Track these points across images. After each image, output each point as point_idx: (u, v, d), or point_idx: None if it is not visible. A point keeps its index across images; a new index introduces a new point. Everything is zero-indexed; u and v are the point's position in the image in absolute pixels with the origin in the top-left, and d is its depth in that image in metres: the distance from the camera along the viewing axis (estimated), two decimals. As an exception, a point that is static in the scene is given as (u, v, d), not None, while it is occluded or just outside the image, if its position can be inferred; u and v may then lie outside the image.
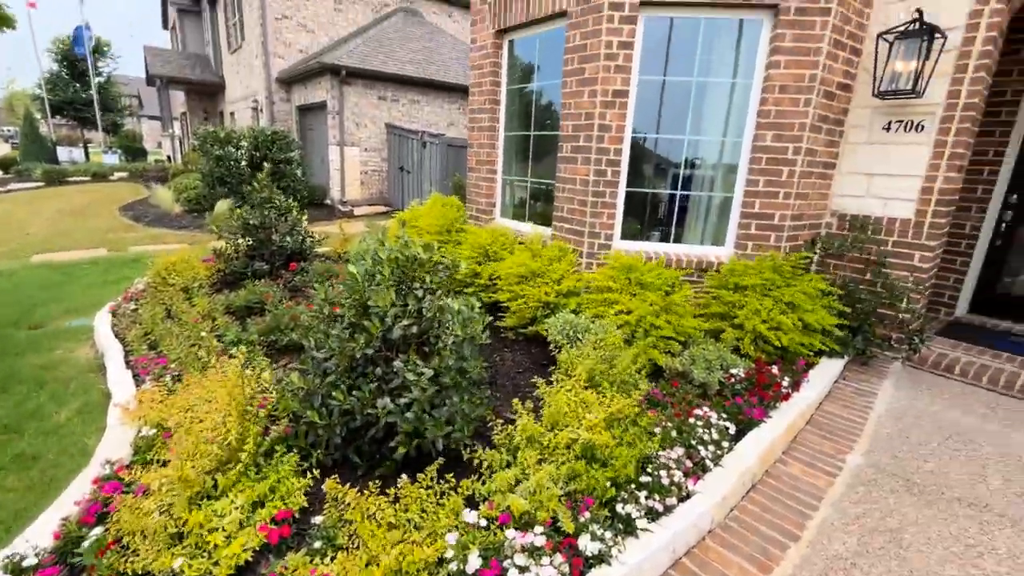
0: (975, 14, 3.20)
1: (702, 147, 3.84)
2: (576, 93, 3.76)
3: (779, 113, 3.48)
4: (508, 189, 4.95)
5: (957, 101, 3.33)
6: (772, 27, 3.42)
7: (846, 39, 3.49)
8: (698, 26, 3.55)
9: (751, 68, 3.54)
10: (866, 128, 3.75)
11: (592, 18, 3.55)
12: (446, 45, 14.03)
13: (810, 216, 3.89)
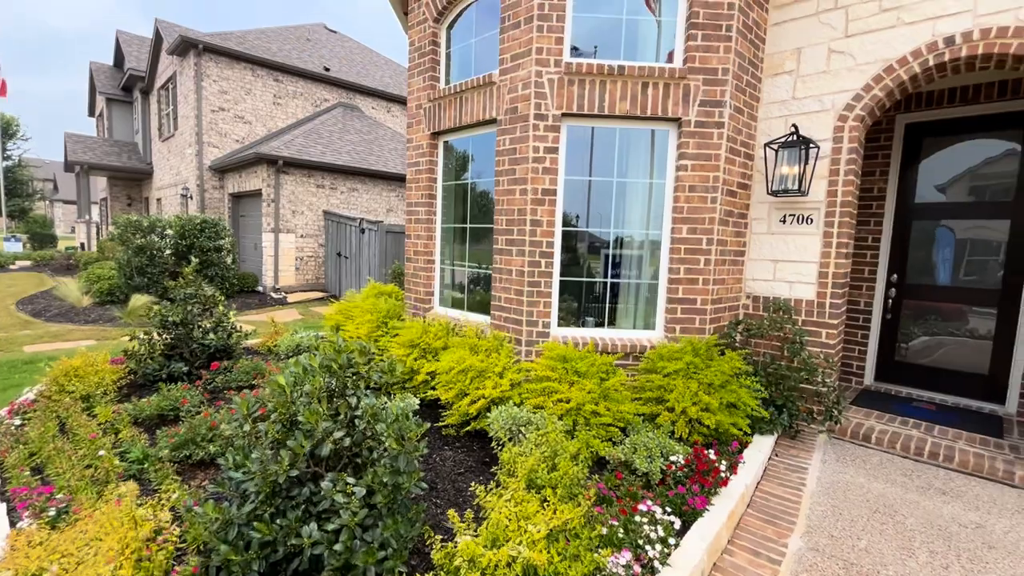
0: (838, 129, 3.80)
1: (628, 238, 4.13)
2: (508, 191, 3.99)
3: (691, 209, 3.85)
4: (446, 279, 5.01)
5: (835, 198, 3.85)
6: (678, 136, 3.87)
7: (739, 147, 4.00)
8: (615, 134, 3.95)
9: (664, 170, 3.94)
10: (766, 220, 4.21)
11: (519, 126, 3.87)
12: (385, 137, 14.64)
13: (728, 299, 4.20)
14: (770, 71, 4.12)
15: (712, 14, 3.67)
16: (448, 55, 4.77)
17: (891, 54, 3.54)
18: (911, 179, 4.70)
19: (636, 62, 3.78)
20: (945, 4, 3.32)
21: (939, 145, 4.59)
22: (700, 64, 3.73)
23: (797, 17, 3.96)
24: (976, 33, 3.21)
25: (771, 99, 4.12)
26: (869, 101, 3.66)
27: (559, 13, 3.71)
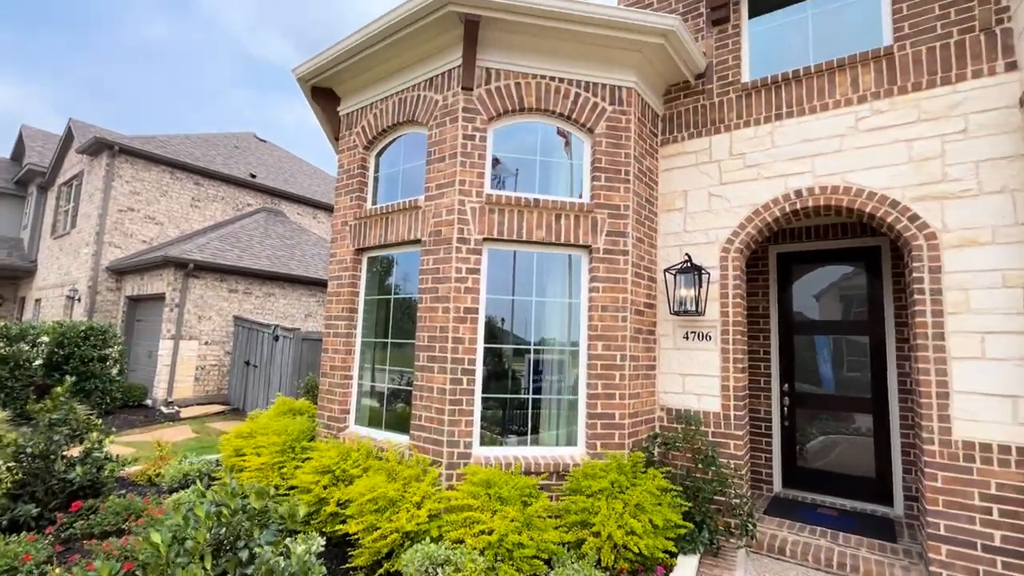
0: (723, 259, 4.36)
1: (549, 355, 4.26)
2: (431, 308, 4.06)
3: (605, 327, 4.11)
4: (365, 395, 4.80)
5: (727, 318, 4.30)
6: (589, 261, 4.23)
7: (643, 271, 4.44)
8: (534, 257, 4.24)
9: (579, 291, 4.23)
10: (672, 337, 4.56)
11: (443, 248, 4.05)
12: (309, 242, 14.55)
13: (645, 412, 4.36)
14: (664, 207, 4.74)
15: (612, 161, 4.26)
16: (376, 178, 5.03)
17: (756, 200, 4.24)
18: (787, 298, 5.39)
19: (550, 196, 4.21)
20: (792, 166, 4.11)
21: (804, 271, 5.38)
22: (605, 201, 4.22)
23: (681, 166, 4.69)
24: (816, 189, 3.97)
25: (667, 231, 4.69)
26: (744, 236, 4.28)
27: (480, 152, 4.11)
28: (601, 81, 4.31)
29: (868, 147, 3.79)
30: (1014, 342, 3.21)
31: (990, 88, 3.42)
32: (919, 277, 3.54)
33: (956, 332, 3.38)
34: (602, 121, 4.28)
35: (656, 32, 4.05)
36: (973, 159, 3.42)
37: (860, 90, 3.87)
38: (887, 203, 3.68)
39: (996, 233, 3.31)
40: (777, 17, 4.47)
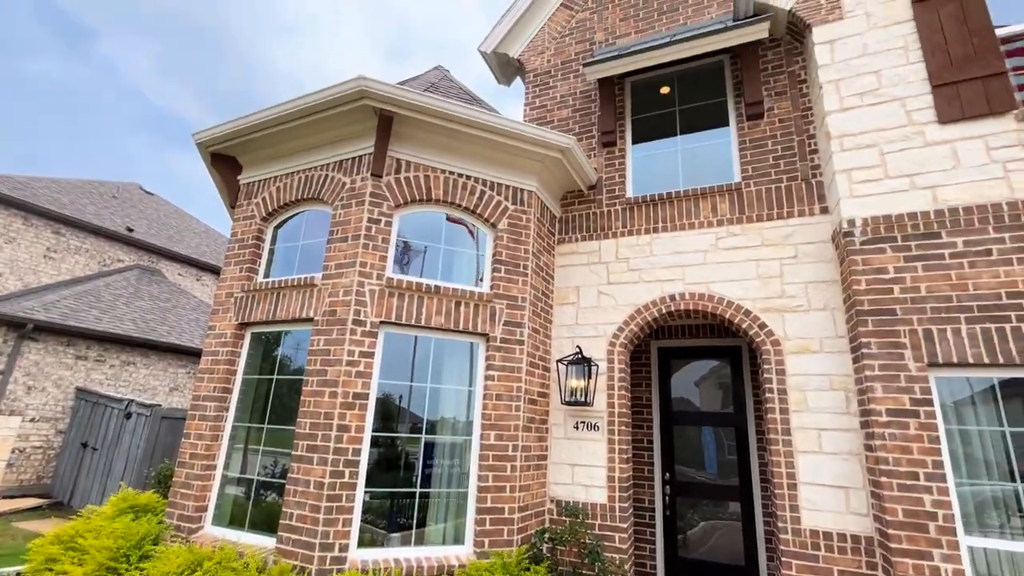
0: (610, 352, 4.68)
1: (442, 444, 4.13)
2: (317, 392, 3.82)
3: (498, 416, 4.12)
4: (230, 487, 4.24)
5: (614, 408, 4.53)
6: (486, 349, 4.31)
7: (538, 360, 4.60)
8: (431, 342, 4.23)
9: (475, 379, 4.25)
10: (563, 426, 4.68)
11: (337, 329, 3.92)
12: (187, 306, 13.20)
13: (535, 505, 4.31)
14: (559, 300, 5.05)
15: (512, 255, 4.52)
16: (272, 251, 4.83)
17: (638, 300, 4.69)
18: (667, 390, 5.83)
19: (452, 283, 4.32)
20: (667, 273, 4.65)
21: (681, 365, 5.90)
22: (504, 291, 4.41)
23: (575, 264, 5.10)
24: (687, 295, 4.50)
25: (561, 322, 4.97)
26: (628, 332, 4.66)
27: (385, 236, 4.17)
28: (505, 182, 4.68)
29: (726, 263, 4.44)
30: (843, 438, 3.73)
31: (811, 225, 4.24)
32: (769, 377, 4.06)
33: (799, 428, 3.87)
34: (504, 218, 4.58)
35: (555, 148, 4.55)
36: (803, 280, 4.14)
37: (719, 215, 4.59)
38: (742, 311, 4.26)
39: (823, 343, 3.95)
40: (655, 147, 5.26)
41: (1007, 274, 3.29)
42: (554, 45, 6.05)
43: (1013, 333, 3.19)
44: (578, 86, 5.70)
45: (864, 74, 4.02)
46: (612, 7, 5.86)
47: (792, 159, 4.48)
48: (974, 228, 3.43)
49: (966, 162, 3.56)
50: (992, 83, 3.60)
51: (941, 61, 3.77)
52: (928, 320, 3.41)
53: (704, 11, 5.36)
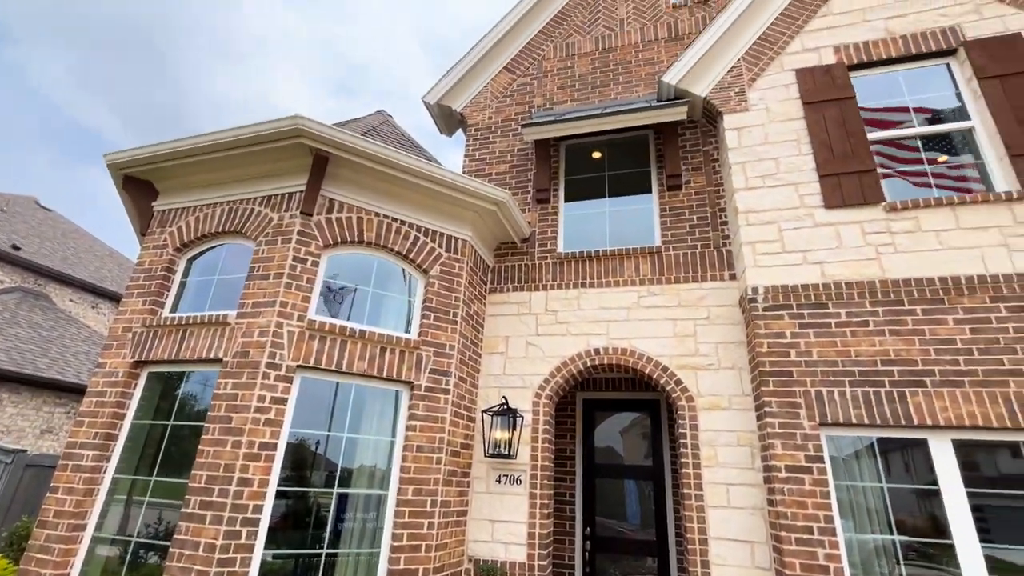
0: (535, 403, 4.70)
1: (354, 500, 3.88)
2: (219, 442, 3.50)
3: (418, 469, 3.96)
4: (99, 552, 3.70)
5: (536, 462, 4.50)
6: (410, 398, 4.18)
7: (463, 411, 4.52)
8: (351, 389, 4.05)
9: (395, 429, 4.09)
10: (485, 480, 4.57)
11: (248, 372, 3.66)
12: (77, 337, 11.81)
13: (452, 566, 4.11)
14: (488, 349, 5.05)
15: (443, 302, 4.51)
16: (183, 284, 4.50)
17: (565, 353, 4.80)
18: (591, 442, 5.91)
19: (378, 328, 4.21)
20: (593, 328, 4.82)
21: (605, 416, 6.03)
22: (432, 339, 4.36)
23: (505, 314, 5.16)
24: (610, 349, 4.67)
25: (489, 372, 4.95)
26: (554, 384, 4.72)
27: (310, 276, 4.03)
28: (440, 230, 4.72)
29: (647, 320, 4.68)
30: (749, 493, 3.93)
31: (722, 290, 4.61)
32: (683, 432, 4.23)
33: (710, 483, 4.03)
34: (437, 265, 4.59)
35: (491, 201, 4.68)
36: (714, 340, 4.44)
37: (641, 275, 4.87)
38: (660, 367, 4.47)
39: (731, 400, 4.21)
40: (585, 206, 5.56)
41: (881, 344, 3.72)
42: (495, 104, 6.35)
43: (887, 396, 3.58)
44: (516, 144, 5.98)
45: (765, 159, 4.54)
46: (551, 76, 6.29)
47: (706, 228, 4.90)
48: (854, 301, 3.88)
49: (847, 243, 4.07)
50: (865, 177, 4.20)
51: (826, 155, 4.36)
52: (819, 382, 3.75)
53: (633, 89, 5.89)
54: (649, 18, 6.23)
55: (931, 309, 3.72)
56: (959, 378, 3.51)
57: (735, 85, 4.92)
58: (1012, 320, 3.55)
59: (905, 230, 3.98)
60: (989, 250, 3.76)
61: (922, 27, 4.60)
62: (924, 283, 3.78)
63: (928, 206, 3.98)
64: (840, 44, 4.75)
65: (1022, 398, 3.36)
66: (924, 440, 3.51)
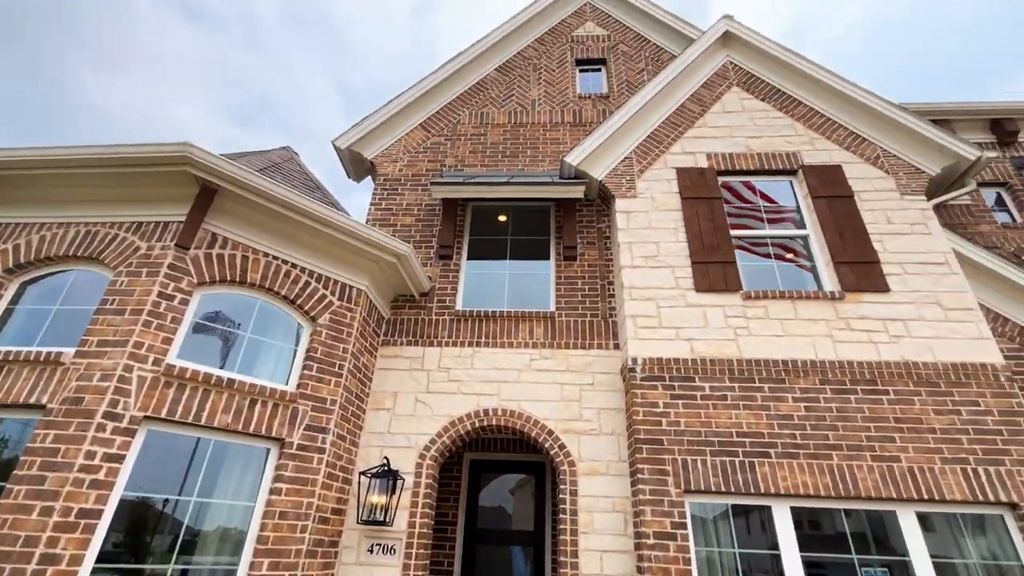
0: (419, 464, 4.51)
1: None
2: (22, 508, 2.88)
3: (278, 539, 3.55)
4: None
5: (415, 529, 4.26)
6: (279, 457, 3.81)
7: (339, 471, 4.20)
8: (209, 446, 3.60)
9: (256, 492, 3.67)
10: (355, 549, 4.21)
11: (78, 422, 3.12)
12: None
13: (304, 652, 3.65)
14: (373, 405, 4.81)
15: (329, 353, 4.27)
16: (10, 311, 3.81)
17: (454, 412, 4.72)
18: (475, 506, 5.74)
19: (251, 378, 3.84)
20: (485, 387, 4.82)
21: (491, 478, 5.93)
22: (312, 392, 4.07)
23: (397, 368, 5.00)
24: (500, 410, 4.69)
25: (372, 429, 4.70)
26: (441, 444, 4.59)
27: (176, 316, 3.62)
28: (335, 277, 4.54)
29: (537, 383, 4.80)
30: (620, 560, 4.02)
31: (607, 358, 4.89)
32: (563, 498, 4.29)
33: (586, 550, 4.08)
34: (327, 313, 4.38)
35: (391, 252, 4.64)
36: (597, 406, 4.65)
37: (534, 338, 5.03)
38: (546, 431, 4.56)
39: (609, 466, 4.38)
40: (487, 266, 5.71)
41: (736, 416, 4.15)
42: (407, 157, 6.44)
43: (739, 466, 3.95)
44: (424, 198, 6.06)
45: (648, 242, 5.05)
46: (464, 140, 6.57)
47: (596, 299, 5.24)
48: (716, 377, 4.32)
49: (712, 323, 4.57)
50: (728, 268, 4.82)
51: (697, 245, 4.95)
52: (685, 451, 4.05)
53: (539, 163, 6.32)
54: (558, 103, 6.84)
55: (775, 387, 4.25)
56: (796, 450, 4.00)
57: (627, 173, 5.49)
58: (835, 401, 4.16)
59: (757, 316, 4.58)
60: (819, 339, 4.44)
61: (773, 148, 5.55)
62: (771, 364, 4.34)
63: (775, 297, 4.64)
64: (712, 152, 5.55)
65: (842, 470, 3.90)
66: (769, 507, 3.89)
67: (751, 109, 5.87)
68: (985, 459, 3.89)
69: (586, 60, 7.39)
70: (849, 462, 3.93)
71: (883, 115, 5.46)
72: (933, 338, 4.36)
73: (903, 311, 4.51)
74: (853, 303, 4.58)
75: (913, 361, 4.28)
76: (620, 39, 7.57)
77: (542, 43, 7.59)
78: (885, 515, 3.84)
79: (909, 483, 3.82)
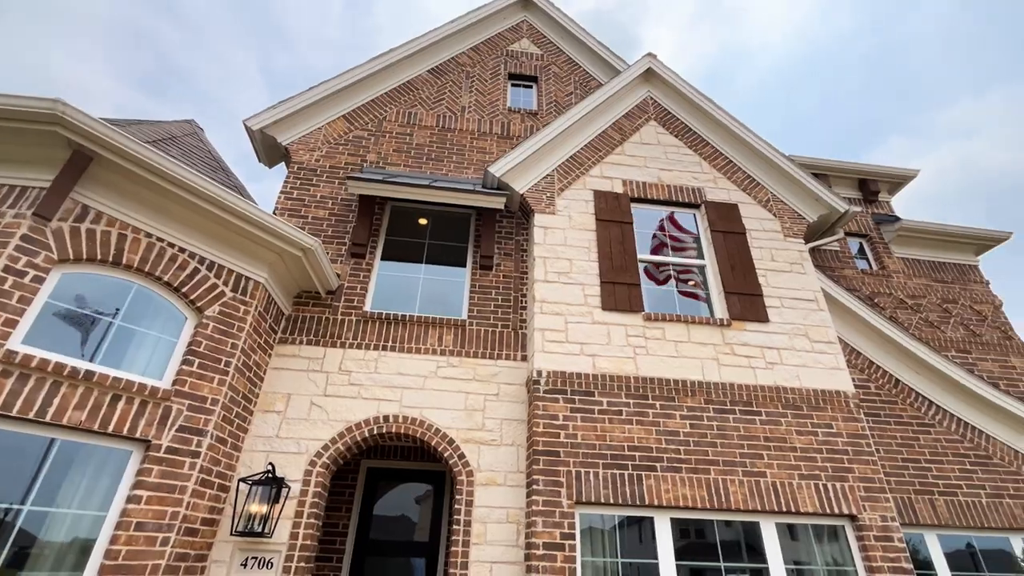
0: (309, 472, 4.25)
1: (14, 599, 2.88)
2: None
3: (131, 554, 3.17)
4: None
5: (297, 541, 3.99)
6: (141, 461, 3.41)
7: (215, 478, 3.84)
8: (55, 447, 3.14)
9: (108, 501, 3.25)
10: (227, 564, 3.86)
11: None
12: None
13: None
14: (263, 407, 4.48)
15: (215, 348, 3.92)
16: None
17: (352, 417, 4.52)
18: (369, 516, 5.51)
19: (116, 370, 3.42)
20: (387, 393, 4.67)
21: (389, 487, 5.74)
22: (190, 389, 3.70)
23: (292, 368, 4.70)
24: (400, 417, 4.56)
25: (259, 433, 4.36)
26: (334, 451, 4.37)
27: (26, 295, 3.14)
28: (230, 266, 4.19)
29: (441, 391, 4.73)
30: (510, 571, 4.04)
31: (514, 369, 4.94)
32: (459, 508, 4.24)
33: (476, 561, 4.05)
34: (217, 304, 4.02)
35: (297, 245, 4.38)
36: (500, 416, 4.67)
37: (443, 345, 4.97)
38: (447, 440, 4.49)
39: (507, 477, 4.40)
40: (401, 268, 5.57)
41: (629, 431, 4.36)
42: (326, 148, 6.15)
43: (628, 479, 4.14)
44: (340, 192, 5.80)
45: (562, 259, 5.20)
46: (389, 138, 6.40)
47: (508, 310, 5.30)
48: (613, 392, 4.52)
49: (614, 341, 4.79)
50: (633, 289, 5.08)
51: (607, 265, 5.18)
52: (579, 463, 4.18)
53: (464, 170, 6.31)
54: (487, 113, 6.89)
55: (666, 404, 4.53)
56: (679, 465, 4.27)
57: (548, 190, 5.64)
58: (716, 419, 4.51)
59: (655, 337, 4.86)
60: (707, 361, 4.80)
61: (682, 183, 5.97)
62: (664, 382, 4.61)
63: (672, 320, 4.96)
64: (627, 179, 5.86)
65: (718, 484, 4.22)
66: (652, 518, 4.11)
67: (665, 143, 6.29)
68: (834, 476, 4.40)
69: (519, 75, 7.54)
70: (724, 476, 4.26)
71: (775, 164, 6.09)
72: (800, 366, 4.88)
73: (778, 340, 5.01)
74: (738, 330, 5.02)
75: (783, 386, 4.76)
76: (553, 60, 7.81)
77: (477, 52, 7.63)
78: (753, 526, 4.21)
79: (772, 496, 4.22)
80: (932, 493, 4.82)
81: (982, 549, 4.76)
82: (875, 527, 4.19)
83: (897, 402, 5.29)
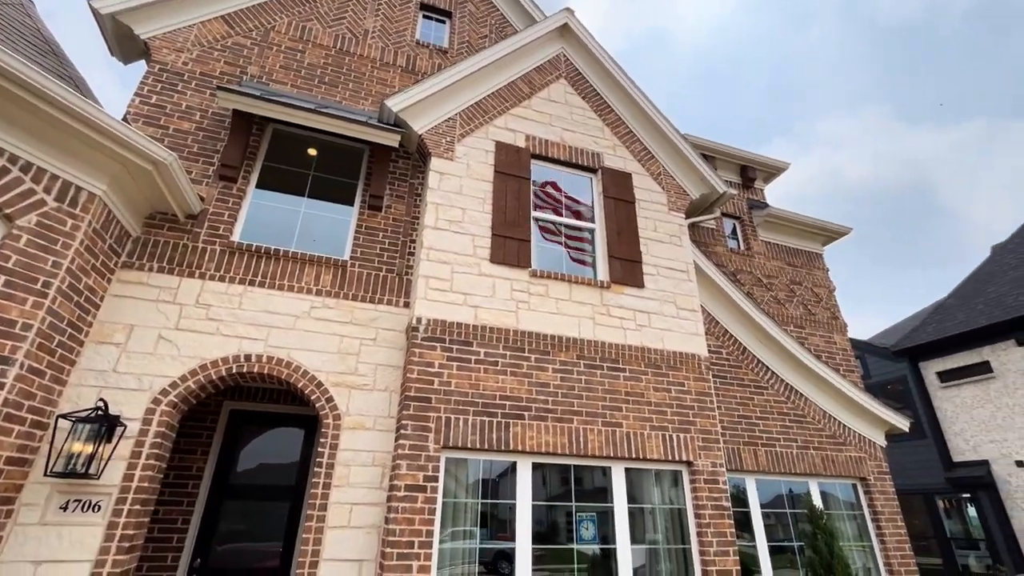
0: (150, 411, 3.86)
1: None
2: None
3: (-101, 496, 2.68)
4: None
5: (132, 483, 3.66)
6: (-83, 390, 2.85)
7: (26, 413, 3.34)
8: None
9: None
10: (40, 507, 3.43)
11: None
12: None
13: (-67, 635, 2.86)
14: (97, 337, 3.94)
15: (29, 266, 3.32)
16: None
17: (207, 355, 4.15)
18: (232, 459, 5.20)
19: None
20: (251, 331, 4.33)
21: (256, 431, 5.44)
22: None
23: (138, 297, 4.17)
24: (264, 357, 4.27)
25: (91, 366, 3.85)
26: (184, 390, 4.00)
27: None
28: (55, 171, 3.53)
29: (314, 332, 4.49)
30: (371, 512, 4.05)
31: (395, 315, 4.82)
32: (322, 452, 4.13)
33: (336, 503, 4.00)
34: (32, 214, 3.39)
35: (146, 157, 3.79)
36: (375, 362, 4.56)
37: (320, 285, 4.69)
38: (315, 383, 4.31)
39: (376, 421, 4.35)
40: (279, 199, 5.09)
41: (502, 381, 4.48)
42: (197, 51, 5.33)
43: (496, 426, 4.29)
44: (212, 105, 5.10)
45: (456, 207, 5.07)
46: (276, 51, 5.70)
47: (395, 254, 5.10)
48: (492, 344, 4.59)
49: (499, 294, 4.83)
50: (523, 245, 5.13)
51: (500, 219, 5.16)
52: (451, 410, 4.24)
53: (360, 100, 5.83)
54: (392, 42, 6.39)
55: (540, 358, 4.70)
56: (546, 414, 4.50)
57: (448, 134, 5.41)
58: (585, 374, 4.79)
59: (539, 293, 4.98)
60: (584, 320, 5.04)
61: (583, 145, 6.04)
62: (541, 337, 4.77)
63: (556, 279, 5.10)
64: (531, 134, 5.81)
65: (579, 432, 4.52)
66: (515, 462, 4.32)
67: (573, 104, 6.29)
68: (679, 428, 4.90)
69: (432, 8, 7.03)
70: (585, 426, 4.57)
71: (670, 140, 6.37)
72: (665, 330, 5.31)
73: (650, 305, 5.38)
74: (616, 293, 5.30)
75: (648, 347, 5.15)
76: (471, -2, 7.38)
77: (390, -27, 6.97)
78: (605, 470, 4.59)
79: (625, 444, 4.62)
80: (756, 445, 5.59)
81: (788, 492, 5.66)
82: (705, 472, 4.78)
83: (742, 367, 5.99)
